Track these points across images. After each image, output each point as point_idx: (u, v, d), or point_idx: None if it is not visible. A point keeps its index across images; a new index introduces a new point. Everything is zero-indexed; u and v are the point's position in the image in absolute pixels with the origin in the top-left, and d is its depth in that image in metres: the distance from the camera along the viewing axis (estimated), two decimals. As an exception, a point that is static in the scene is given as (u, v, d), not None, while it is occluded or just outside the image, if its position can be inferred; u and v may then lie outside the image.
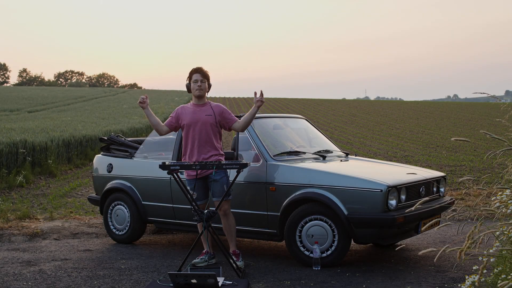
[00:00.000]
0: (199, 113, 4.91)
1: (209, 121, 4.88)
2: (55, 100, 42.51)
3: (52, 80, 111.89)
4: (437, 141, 20.24)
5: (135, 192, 5.91)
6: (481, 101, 64.96)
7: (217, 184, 4.80)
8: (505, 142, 3.09)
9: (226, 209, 4.85)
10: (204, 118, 4.88)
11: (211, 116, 4.89)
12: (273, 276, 4.61)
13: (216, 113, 4.90)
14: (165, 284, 4.23)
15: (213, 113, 4.89)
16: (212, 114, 4.89)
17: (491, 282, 3.17)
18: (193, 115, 4.91)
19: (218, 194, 4.81)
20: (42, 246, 5.98)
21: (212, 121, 4.88)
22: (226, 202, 4.84)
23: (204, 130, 4.87)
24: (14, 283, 4.50)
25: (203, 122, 4.87)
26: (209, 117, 4.89)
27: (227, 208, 4.85)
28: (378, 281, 4.38)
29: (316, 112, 39.47)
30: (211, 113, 4.90)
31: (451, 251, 2.74)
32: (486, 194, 7.56)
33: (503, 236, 3.25)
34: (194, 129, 4.88)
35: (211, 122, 4.88)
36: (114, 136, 6.56)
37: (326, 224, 4.77)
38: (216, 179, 4.80)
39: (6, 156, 10.84)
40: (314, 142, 5.98)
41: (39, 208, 8.36)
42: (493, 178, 9.74)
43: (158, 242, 6.19)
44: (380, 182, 4.63)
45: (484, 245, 3.75)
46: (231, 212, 4.91)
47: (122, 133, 18.14)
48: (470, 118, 34.32)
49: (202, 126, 4.87)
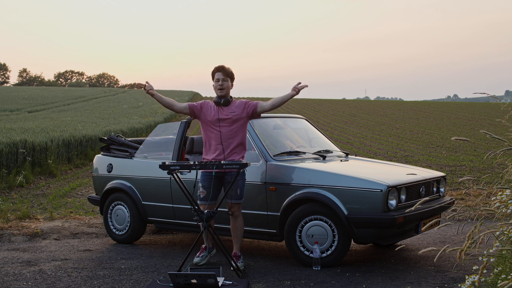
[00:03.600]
0: (222, 112, 4.83)
1: (234, 118, 4.81)
2: (55, 100, 42.51)
3: (52, 80, 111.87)
4: (437, 141, 20.24)
5: (135, 192, 5.91)
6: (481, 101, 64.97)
7: (233, 186, 4.72)
8: (505, 142, 3.09)
9: (236, 211, 4.83)
10: (228, 117, 4.81)
11: (234, 113, 4.82)
12: (273, 276, 4.61)
13: (239, 110, 4.83)
14: (165, 284, 4.23)
15: (236, 111, 4.82)
16: (236, 111, 4.82)
17: (491, 282, 3.17)
18: (217, 113, 4.83)
19: (233, 197, 4.76)
20: (42, 246, 5.98)
21: (236, 117, 4.82)
22: (238, 205, 4.83)
23: (228, 129, 4.80)
24: (14, 283, 4.49)
25: (227, 120, 4.81)
26: (233, 114, 4.82)
27: (237, 209, 4.83)
28: (378, 281, 4.38)
29: (316, 112, 39.46)
30: (234, 111, 4.83)
31: (451, 251, 2.74)
32: (486, 194, 7.56)
33: (503, 236, 3.24)
34: (218, 127, 4.82)
35: (235, 119, 4.81)
36: (114, 136, 6.56)
37: (326, 224, 4.77)
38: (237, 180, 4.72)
39: (6, 156, 10.85)
40: (314, 142, 5.98)
41: (39, 208, 8.36)
42: (493, 178, 9.75)
43: (158, 242, 6.19)
44: (380, 182, 4.63)
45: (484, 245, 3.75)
46: (241, 215, 4.89)
47: (122, 133, 18.14)
48: (470, 118, 34.33)
49: (226, 125, 4.81)
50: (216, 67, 4.92)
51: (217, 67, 4.92)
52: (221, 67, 4.89)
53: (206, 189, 4.82)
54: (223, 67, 4.90)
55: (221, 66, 4.91)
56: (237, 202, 4.78)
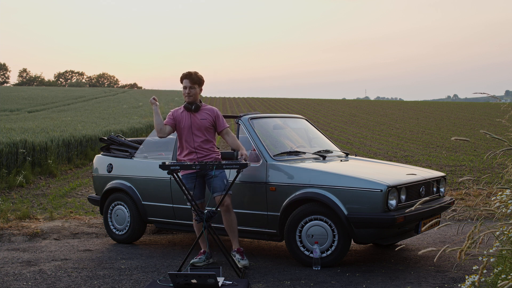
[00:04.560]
0: (194, 118, 4.94)
1: (205, 124, 4.93)
2: (55, 100, 42.52)
3: (52, 80, 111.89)
4: (437, 141, 20.24)
5: (135, 192, 5.91)
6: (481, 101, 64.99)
7: (217, 179, 4.81)
8: (505, 142, 3.09)
9: (229, 203, 4.85)
10: (199, 122, 4.92)
11: (205, 120, 4.94)
12: (273, 276, 4.61)
13: (210, 118, 4.96)
14: (165, 284, 4.23)
15: (207, 118, 4.95)
16: (207, 118, 4.94)
17: (491, 282, 3.17)
18: (189, 118, 4.95)
19: (220, 189, 4.82)
20: (42, 246, 5.98)
21: (207, 124, 4.94)
22: (228, 197, 4.84)
23: (201, 133, 4.91)
24: (14, 283, 4.49)
25: (199, 126, 4.91)
26: (204, 121, 4.94)
27: (230, 203, 4.86)
28: (378, 281, 4.38)
29: (316, 112, 39.46)
30: (205, 117, 4.95)
31: (451, 251, 2.74)
32: (486, 194, 7.56)
33: (503, 236, 3.25)
34: (190, 132, 4.92)
35: (206, 126, 4.93)
36: (114, 136, 6.56)
37: (326, 224, 4.77)
38: (216, 174, 4.82)
39: (6, 156, 10.84)
40: (314, 142, 5.98)
41: (39, 208, 8.36)
42: (493, 178, 9.75)
43: (158, 242, 6.19)
44: (380, 182, 4.63)
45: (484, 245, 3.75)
46: (232, 209, 4.91)
47: (122, 133, 18.14)
48: (470, 118, 34.33)
49: (198, 130, 4.92)
50: (184, 73, 5.01)
51: (185, 73, 5.00)
52: (188, 74, 4.97)
53: (191, 190, 4.87)
54: (190, 74, 4.97)
55: (188, 73, 4.99)
56: (226, 194, 4.80)
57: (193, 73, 4.98)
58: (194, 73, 4.98)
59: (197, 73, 5.01)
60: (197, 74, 4.99)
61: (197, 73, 5.01)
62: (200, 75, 5.03)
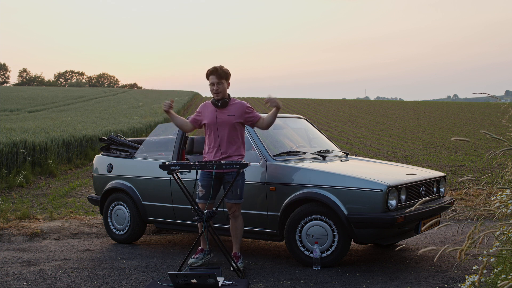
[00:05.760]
0: (220, 114, 4.81)
1: (232, 121, 4.79)
2: (55, 100, 42.49)
3: (52, 80, 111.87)
4: (437, 141, 20.24)
5: (135, 192, 5.91)
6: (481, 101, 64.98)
7: (232, 186, 4.70)
8: (505, 142, 3.09)
9: (236, 211, 4.82)
10: (226, 119, 4.78)
11: (233, 116, 4.80)
12: (273, 276, 4.61)
13: (237, 113, 4.81)
14: (165, 284, 4.23)
15: (235, 114, 4.80)
16: (234, 114, 4.80)
17: (491, 282, 3.17)
18: (215, 115, 4.82)
19: (232, 197, 4.74)
20: (42, 246, 5.98)
21: (234, 121, 4.79)
22: (238, 205, 4.82)
23: (226, 131, 4.78)
24: (14, 283, 4.49)
25: (225, 122, 4.78)
26: (231, 117, 4.79)
27: (237, 210, 4.82)
28: (378, 281, 4.38)
29: (316, 112, 39.46)
30: (233, 113, 4.80)
31: (451, 251, 2.74)
32: (486, 194, 7.56)
33: (503, 236, 3.24)
34: (216, 129, 4.80)
35: (233, 122, 4.79)
36: (114, 136, 6.56)
37: (326, 224, 4.77)
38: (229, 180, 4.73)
39: (6, 156, 10.85)
40: (314, 142, 5.98)
41: (39, 208, 8.36)
42: (493, 178, 9.75)
43: (158, 242, 6.19)
44: (380, 182, 4.63)
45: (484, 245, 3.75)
46: (241, 215, 4.88)
47: (122, 133, 18.14)
48: (470, 118, 34.32)
49: (224, 127, 4.78)
50: (210, 69, 4.83)
51: (210, 69, 4.82)
52: (214, 70, 4.80)
53: (205, 188, 4.81)
54: (217, 69, 4.80)
55: (215, 68, 4.81)
56: (237, 202, 4.78)
57: (218, 67, 4.80)
58: (220, 68, 4.81)
59: (223, 67, 4.83)
60: (222, 68, 4.81)
61: (223, 67, 4.83)
62: (226, 69, 4.84)
